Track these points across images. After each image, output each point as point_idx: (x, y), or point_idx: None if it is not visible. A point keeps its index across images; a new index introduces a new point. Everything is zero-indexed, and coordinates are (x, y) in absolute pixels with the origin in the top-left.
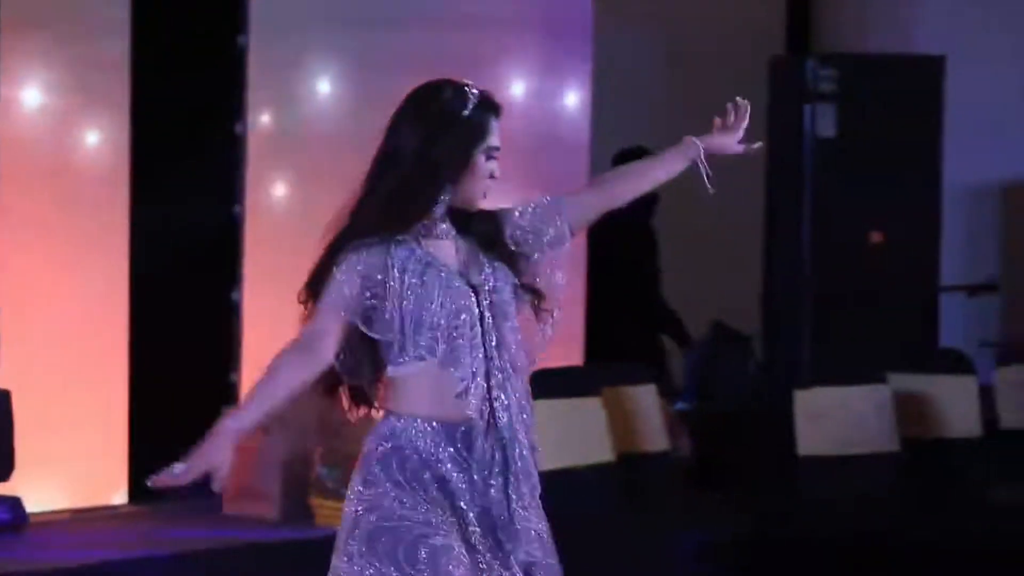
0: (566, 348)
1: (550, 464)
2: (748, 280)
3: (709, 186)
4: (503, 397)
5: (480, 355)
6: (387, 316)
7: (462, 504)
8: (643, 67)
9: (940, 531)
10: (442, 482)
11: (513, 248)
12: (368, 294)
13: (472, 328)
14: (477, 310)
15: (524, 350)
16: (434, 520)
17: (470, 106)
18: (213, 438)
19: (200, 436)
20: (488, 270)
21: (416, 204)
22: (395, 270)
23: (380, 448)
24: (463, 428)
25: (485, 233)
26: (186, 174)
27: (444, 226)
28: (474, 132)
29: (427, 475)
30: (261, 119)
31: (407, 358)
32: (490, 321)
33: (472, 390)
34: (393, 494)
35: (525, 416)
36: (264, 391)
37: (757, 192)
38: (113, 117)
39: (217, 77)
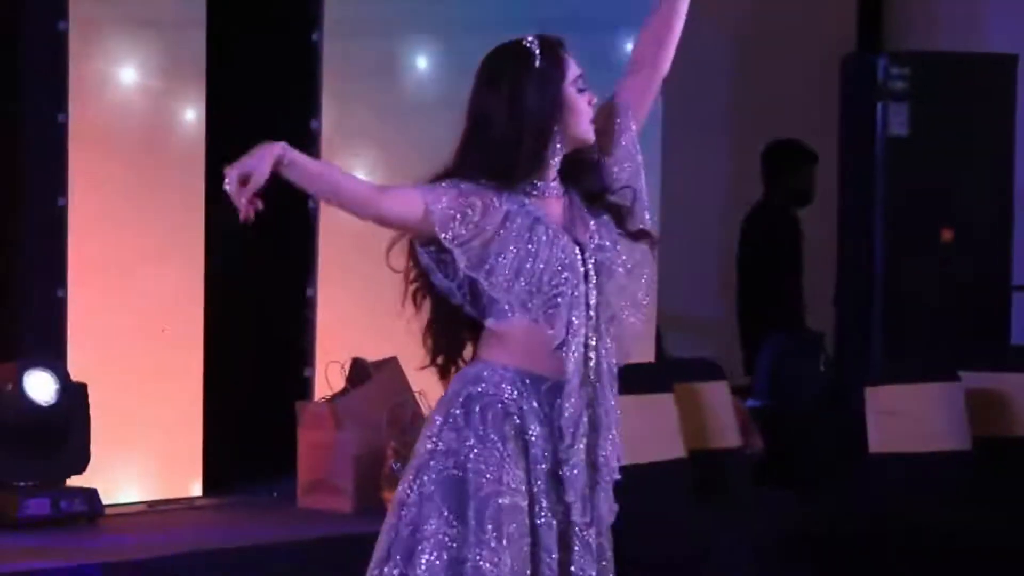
0: (638, 344)
1: (622, 460)
2: (820, 277)
3: None
4: (595, 358)
5: (583, 314)
6: (493, 262)
7: (537, 461)
8: (714, 66)
9: (1012, 530)
10: (520, 434)
11: (613, 198)
12: (464, 216)
13: (576, 287)
14: (582, 268)
15: (629, 311)
16: (505, 478)
17: (536, 52)
18: (258, 149)
19: (273, 430)
20: (594, 227)
21: (523, 160)
22: (500, 215)
23: (466, 391)
24: (551, 383)
25: (588, 186)
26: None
27: (554, 184)
28: (553, 72)
29: (507, 427)
30: (334, 114)
31: (504, 309)
32: (594, 280)
33: (572, 347)
34: (471, 443)
35: (612, 379)
36: (323, 167)
37: (830, 190)
38: (190, 114)
39: (293, 72)
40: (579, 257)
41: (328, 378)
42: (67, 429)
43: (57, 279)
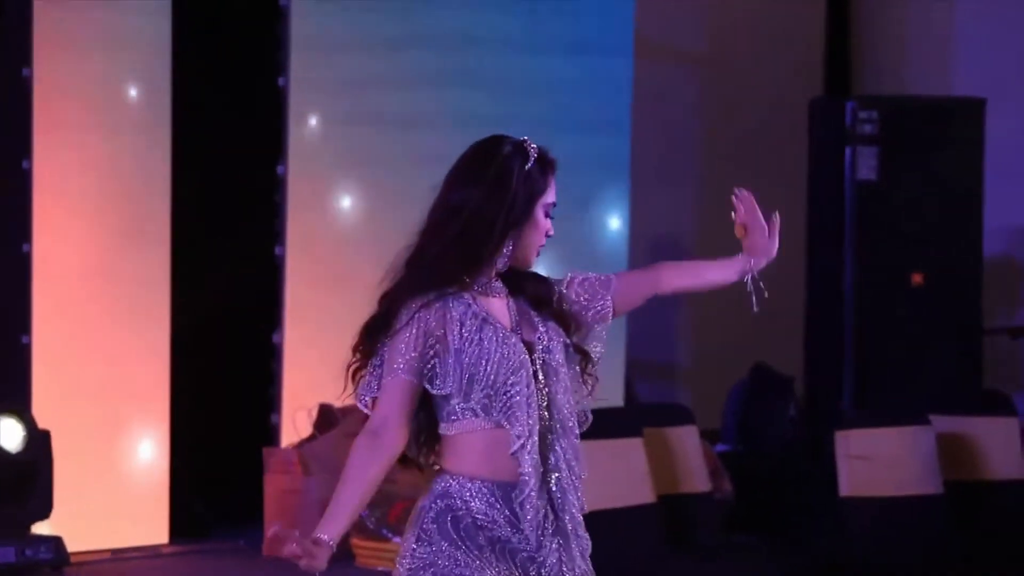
0: (606, 389)
1: (591, 505)
2: (789, 321)
3: (755, 306)
4: (553, 457)
5: (535, 413)
6: (446, 372)
7: (519, 563)
8: (682, 110)
9: (983, 574)
10: (497, 543)
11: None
12: (431, 352)
13: (528, 386)
14: (532, 367)
15: (574, 411)
16: (488, 573)
17: (531, 161)
18: (315, 547)
19: (240, 477)
20: (541, 328)
21: (478, 258)
22: (455, 324)
23: (434, 507)
24: (518, 488)
25: (536, 292)
26: (227, 215)
27: (498, 284)
28: (535, 187)
29: (481, 538)
30: (302, 159)
31: (462, 415)
32: (543, 379)
33: (528, 448)
34: (448, 552)
35: (575, 477)
36: (344, 497)
37: (798, 234)
38: (157, 161)
39: (257, 117)
40: (527, 357)
41: (295, 424)
42: (33, 477)
43: (21, 326)
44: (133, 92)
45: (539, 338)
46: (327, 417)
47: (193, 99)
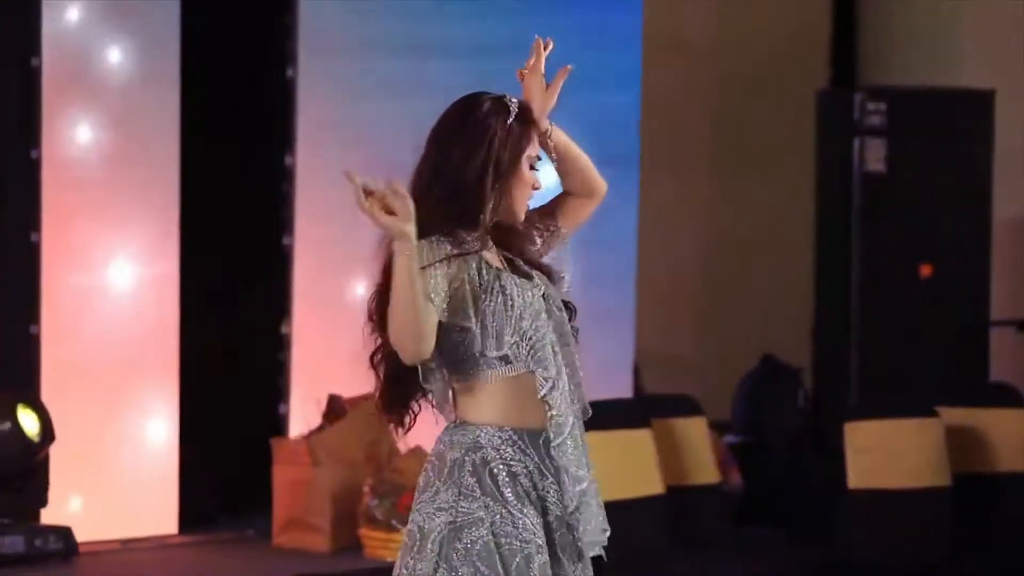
0: (616, 380)
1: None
2: (798, 313)
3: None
4: (573, 402)
5: (558, 357)
6: (469, 317)
7: (551, 514)
8: (690, 103)
9: (990, 567)
10: (529, 492)
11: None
12: (456, 290)
13: (548, 330)
14: (544, 314)
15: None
16: (535, 537)
17: (511, 116)
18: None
19: (249, 467)
20: (536, 277)
21: (468, 217)
22: (473, 272)
23: (468, 459)
24: (544, 435)
25: (521, 246)
26: (235, 204)
27: (488, 238)
28: (518, 141)
29: (519, 489)
30: (308, 150)
31: (489, 364)
32: (554, 327)
33: (559, 388)
34: (495, 508)
35: (582, 423)
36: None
37: (807, 226)
38: (164, 149)
39: (265, 107)
40: (544, 303)
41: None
42: (43, 465)
43: (30, 315)
44: (141, 82)
45: (538, 284)
46: (336, 408)
47: (201, 87)
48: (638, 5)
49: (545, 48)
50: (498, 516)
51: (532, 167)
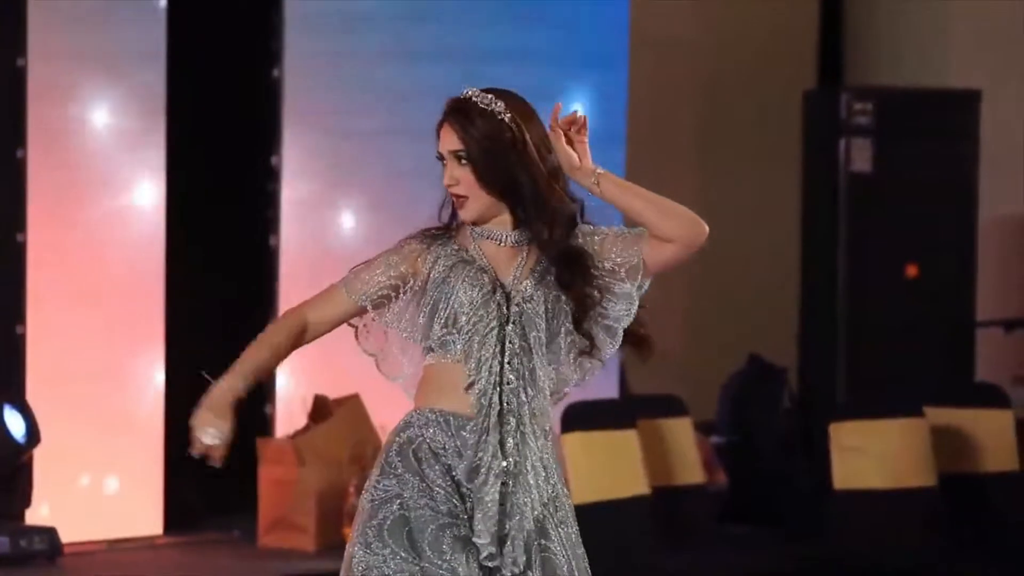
0: (601, 380)
1: (585, 496)
2: (783, 313)
3: None
4: (516, 403)
5: (494, 356)
6: (402, 309)
7: (464, 496)
8: (677, 101)
9: (976, 567)
10: (449, 472)
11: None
12: (397, 284)
13: (490, 328)
14: (504, 311)
15: (551, 372)
16: (454, 510)
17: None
18: (207, 401)
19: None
20: (529, 282)
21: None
22: (430, 260)
23: (397, 440)
24: (473, 423)
25: (560, 276)
26: (221, 205)
27: (508, 232)
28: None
29: (438, 466)
30: (296, 154)
31: (424, 352)
32: (514, 328)
33: (479, 385)
34: (412, 483)
35: (536, 427)
36: (260, 352)
37: (792, 225)
38: (152, 150)
39: (252, 110)
40: (500, 300)
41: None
42: (27, 465)
43: (16, 315)
44: (126, 81)
45: (524, 287)
46: (321, 408)
47: (187, 87)
48: (624, 3)
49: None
50: (415, 489)
51: (442, 164)
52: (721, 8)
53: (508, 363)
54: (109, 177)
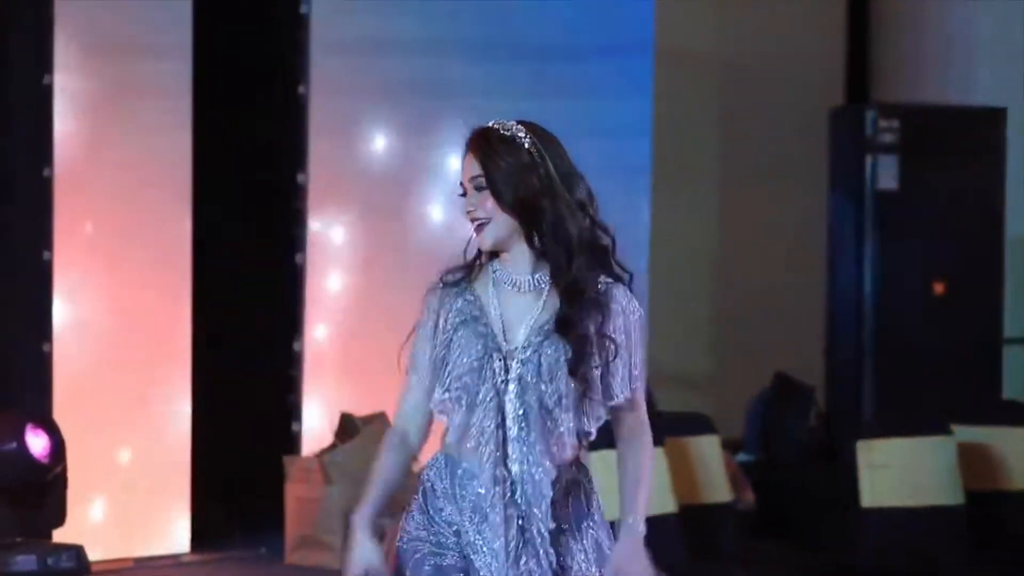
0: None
1: (613, 515)
2: (810, 331)
3: None
4: (517, 467)
5: (492, 416)
6: (425, 357)
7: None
8: (703, 119)
9: None
10: (445, 508)
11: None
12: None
13: (489, 389)
14: (502, 372)
15: (569, 425)
16: (444, 541)
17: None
18: (352, 537)
19: (261, 485)
20: (537, 337)
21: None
22: (442, 313)
23: (421, 482)
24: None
25: (564, 314)
26: (247, 222)
27: (526, 277)
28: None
29: (437, 502)
30: (321, 162)
31: (440, 400)
32: (515, 386)
33: (478, 447)
34: (417, 518)
35: (544, 491)
36: (377, 475)
37: (819, 243)
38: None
39: (278, 124)
40: (495, 360)
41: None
42: (52, 484)
43: (42, 334)
44: (154, 100)
45: (529, 344)
46: (348, 426)
47: (214, 106)
48: (649, 18)
49: None
50: (419, 526)
51: (462, 193)
52: (747, 26)
53: (507, 426)
54: (136, 193)
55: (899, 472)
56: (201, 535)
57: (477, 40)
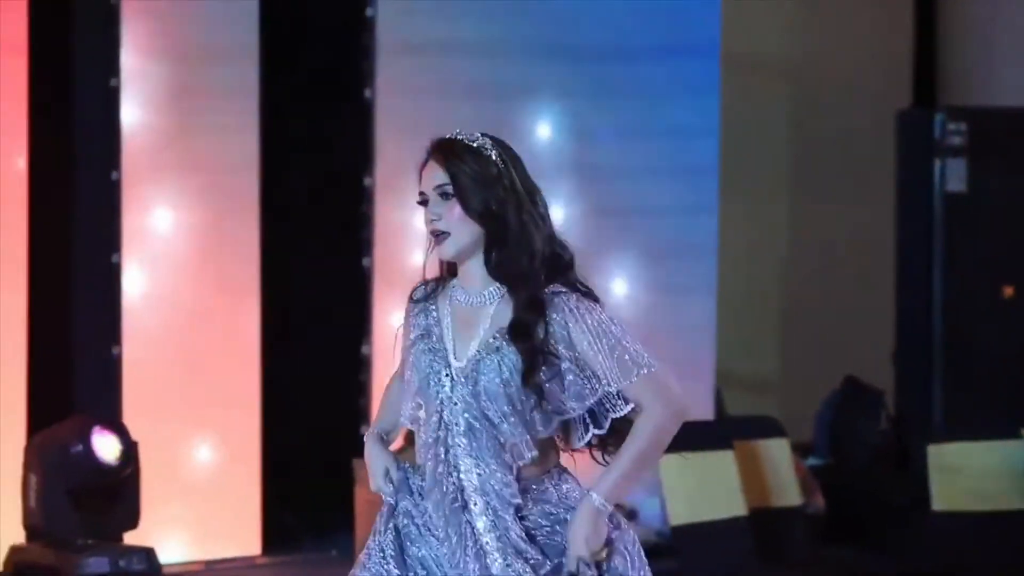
0: (697, 402)
1: (683, 518)
2: (880, 334)
3: None
4: (467, 479)
5: (434, 431)
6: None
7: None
8: (770, 123)
9: None
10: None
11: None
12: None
13: (434, 405)
14: (446, 393)
15: (525, 439)
16: (369, 564)
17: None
18: (366, 452)
19: (331, 488)
20: (485, 352)
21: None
22: (408, 329)
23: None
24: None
25: (516, 318)
26: (314, 226)
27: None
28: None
29: (390, 521)
30: (390, 170)
31: (406, 417)
32: (460, 400)
33: (427, 456)
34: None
35: (500, 504)
36: (384, 400)
37: (888, 246)
38: (243, 167)
39: (345, 126)
40: (441, 372)
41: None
42: (124, 487)
43: (111, 336)
44: (221, 104)
45: (479, 360)
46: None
47: (280, 109)
48: (716, 20)
49: None
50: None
51: (422, 204)
52: (814, 29)
53: (448, 444)
54: (203, 197)
55: (969, 476)
56: (272, 538)
57: (542, 41)
